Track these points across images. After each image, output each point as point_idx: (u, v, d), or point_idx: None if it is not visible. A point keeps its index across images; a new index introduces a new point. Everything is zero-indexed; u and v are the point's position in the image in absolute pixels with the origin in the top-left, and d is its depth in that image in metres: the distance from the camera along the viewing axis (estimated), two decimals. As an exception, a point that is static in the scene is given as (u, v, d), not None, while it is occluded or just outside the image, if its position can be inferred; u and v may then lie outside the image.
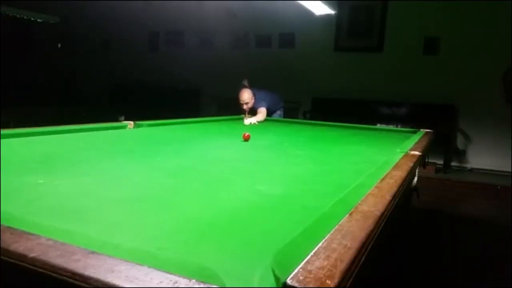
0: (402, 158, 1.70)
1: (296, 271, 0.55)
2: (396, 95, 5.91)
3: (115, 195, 1.06)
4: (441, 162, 5.43)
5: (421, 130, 3.13)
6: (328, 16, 5.43)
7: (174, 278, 0.54)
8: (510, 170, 5.23)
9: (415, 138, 2.57)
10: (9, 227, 0.68)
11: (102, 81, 8.28)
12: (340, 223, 0.77)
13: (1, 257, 0.60)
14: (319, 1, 4.41)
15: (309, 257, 0.60)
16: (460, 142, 5.69)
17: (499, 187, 4.67)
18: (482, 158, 5.53)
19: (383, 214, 0.86)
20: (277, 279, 0.56)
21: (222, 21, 6.88)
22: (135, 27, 7.74)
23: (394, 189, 1.09)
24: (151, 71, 7.80)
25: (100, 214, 0.90)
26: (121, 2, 6.89)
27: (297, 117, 5.71)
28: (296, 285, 0.51)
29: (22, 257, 0.59)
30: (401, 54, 5.88)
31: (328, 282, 0.53)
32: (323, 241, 0.67)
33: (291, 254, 0.63)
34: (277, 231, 0.85)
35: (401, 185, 1.17)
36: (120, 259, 0.58)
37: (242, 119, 3.64)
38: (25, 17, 6.95)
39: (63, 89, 8.32)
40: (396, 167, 1.46)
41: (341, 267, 0.57)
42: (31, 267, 0.57)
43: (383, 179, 1.21)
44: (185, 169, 1.49)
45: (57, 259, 0.58)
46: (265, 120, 3.74)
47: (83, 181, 1.20)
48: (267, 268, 0.61)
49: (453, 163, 5.69)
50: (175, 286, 0.52)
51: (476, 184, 4.85)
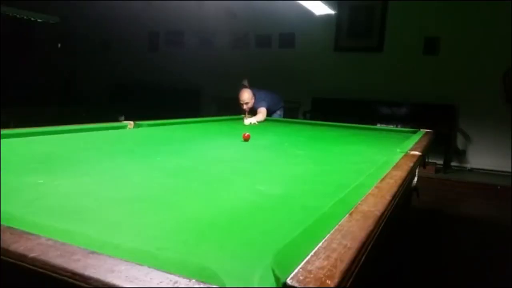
0: (402, 158, 1.70)
1: (296, 271, 0.55)
2: (396, 95, 5.91)
3: (115, 195, 1.06)
4: (441, 162, 5.43)
5: (421, 130, 3.13)
6: (328, 16, 5.43)
7: (174, 278, 0.54)
8: (510, 170, 5.23)
9: (415, 138, 2.57)
10: (9, 227, 0.68)
11: (102, 81, 8.28)
12: (340, 223, 0.77)
13: (1, 257, 0.60)
14: (319, 1, 4.41)
15: (309, 257, 0.60)
16: (460, 142, 5.69)
17: (499, 187, 4.66)
18: (482, 158, 5.53)
19: (383, 214, 0.86)
20: (277, 279, 0.56)
21: (222, 21, 6.88)
22: (135, 27, 7.74)
23: (394, 189, 1.09)
24: (151, 71, 7.80)
25: (100, 214, 0.90)
26: (121, 2, 6.89)
27: (297, 117, 5.71)
28: (296, 285, 0.51)
29: (22, 257, 0.59)
30: (401, 54, 5.88)
31: (328, 282, 0.53)
32: (323, 241, 0.67)
33: (291, 254, 0.63)
34: (277, 231, 0.85)
35: (401, 185, 1.17)
36: (120, 259, 0.58)
37: (242, 119, 3.64)
38: (25, 17, 6.95)
39: (63, 89, 8.32)
40: (396, 167, 1.46)
41: (341, 267, 0.57)
42: (31, 267, 0.57)
43: (383, 179, 1.21)
44: (185, 169, 1.49)
45: (57, 259, 0.58)
46: (265, 120, 3.74)
47: (83, 181, 1.20)
48: (267, 268, 0.61)
49: (453, 163, 5.69)
50: (175, 286, 0.52)
51: (476, 184, 4.85)
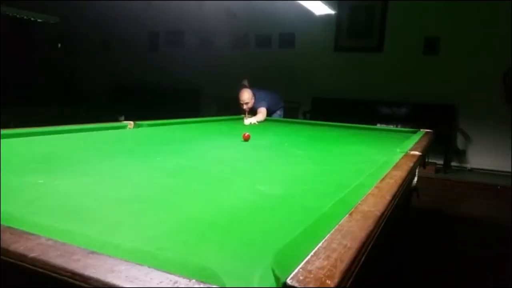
0: (402, 158, 1.70)
1: (296, 271, 0.55)
2: (396, 95, 5.91)
3: (115, 195, 1.06)
4: (441, 162, 5.43)
5: (421, 130, 3.13)
6: (328, 16, 5.43)
7: (174, 278, 0.54)
8: (510, 170, 5.23)
9: (415, 138, 2.57)
10: (9, 227, 0.68)
11: (102, 81, 8.28)
12: (340, 223, 0.77)
13: (1, 257, 0.60)
14: (319, 1, 4.41)
15: (309, 257, 0.60)
16: (460, 142, 5.69)
17: (499, 187, 4.66)
18: (482, 158, 5.53)
19: (383, 214, 0.86)
20: (277, 279, 0.56)
21: (222, 21, 6.88)
22: (135, 27, 7.74)
23: (394, 189, 1.09)
24: (151, 71, 7.80)
25: (100, 214, 0.90)
26: (121, 2, 6.89)
27: (297, 117, 5.71)
28: (296, 285, 0.51)
29: (22, 257, 0.59)
30: (401, 54, 5.88)
31: (328, 282, 0.53)
32: (323, 241, 0.67)
33: (291, 254, 0.63)
34: (277, 231, 0.85)
35: (401, 185, 1.17)
36: (120, 259, 0.58)
37: (242, 119, 3.64)
38: (25, 17, 6.95)
39: (63, 89, 8.32)
40: (396, 167, 1.46)
41: (341, 267, 0.57)
42: (31, 267, 0.57)
43: (383, 179, 1.21)
44: (185, 169, 1.49)
45: (57, 259, 0.58)
46: (265, 120, 3.74)
47: (83, 181, 1.20)
48: (267, 268, 0.61)
49: (453, 163, 5.69)
50: (175, 286, 0.52)
51: (476, 184, 4.85)
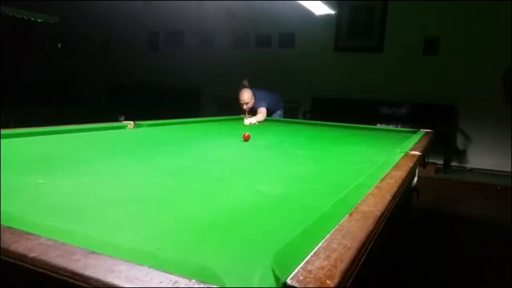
0: (402, 158, 1.70)
1: (296, 271, 0.55)
2: (396, 95, 5.91)
3: (115, 195, 1.06)
4: (441, 162, 5.43)
5: (421, 130, 3.13)
6: (328, 16, 5.43)
7: (174, 278, 0.54)
8: (510, 170, 5.23)
9: (415, 138, 2.57)
10: (9, 227, 0.68)
11: (102, 81, 8.28)
12: (340, 223, 0.77)
13: (1, 257, 0.60)
14: (319, 1, 4.41)
15: (309, 257, 0.60)
16: (460, 142, 5.69)
17: (499, 187, 4.66)
18: (482, 158, 5.53)
19: (383, 214, 0.86)
20: (277, 279, 0.56)
21: (222, 21, 6.88)
22: (135, 27, 7.74)
23: (394, 189, 1.09)
24: (151, 71, 7.80)
25: (100, 214, 0.90)
26: (121, 2, 6.89)
27: (297, 117, 5.71)
28: (296, 285, 0.51)
29: (22, 257, 0.59)
30: (401, 54, 5.88)
31: (328, 282, 0.53)
32: (323, 241, 0.67)
33: (291, 254, 0.63)
34: (277, 231, 0.85)
35: (401, 185, 1.17)
36: (120, 259, 0.58)
37: (242, 119, 3.64)
38: (25, 17, 6.95)
39: (63, 89, 8.32)
40: (396, 167, 1.46)
41: (341, 267, 0.57)
42: (31, 267, 0.57)
43: (383, 179, 1.21)
44: (185, 169, 1.49)
45: (57, 259, 0.58)
46: (265, 120, 3.74)
47: (83, 181, 1.20)
48: (267, 268, 0.61)
49: (453, 163, 5.69)
50: (175, 286, 0.52)
51: (476, 184, 4.85)
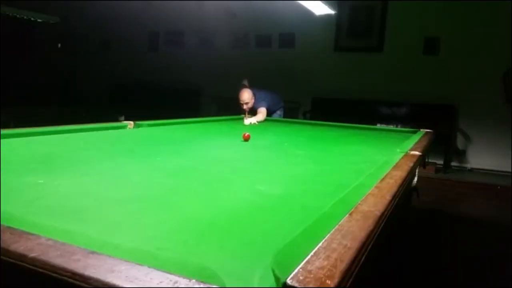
0: (402, 158, 1.70)
1: (296, 271, 0.55)
2: (396, 95, 5.91)
3: (115, 195, 1.06)
4: (441, 162, 5.43)
5: (421, 130, 3.13)
6: (328, 16, 5.43)
7: (174, 278, 0.54)
8: (510, 170, 5.23)
9: (415, 138, 2.57)
10: (9, 227, 0.68)
11: (102, 81, 8.28)
12: (340, 223, 0.77)
13: (1, 257, 0.60)
14: (319, 1, 4.41)
15: (309, 257, 0.60)
16: (460, 142, 5.69)
17: (499, 187, 4.66)
18: (482, 158, 5.53)
19: (383, 214, 0.86)
20: (277, 279, 0.56)
21: (222, 21, 6.88)
22: (135, 27, 7.74)
23: (394, 189, 1.09)
24: (151, 71, 7.80)
25: (100, 214, 0.90)
26: (121, 2, 6.89)
27: (297, 117, 5.71)
28: (296, 285, 0.51)
29: (22, 257, 0.59)
30: (401, 54, 5.88)
31: (328, 282, 0.53)
32: (323, 241, 0.67)
33: (291, 254, 0.63)
34: (277, 231, 0.85)
35: (401, 185, 1.17)
36: (120, 259, 0.58)
37: (242, 119, 3.64)
38: (25, 17, 6.94)
39: (63, 89, 8.32)
40: (396, 167, 1.46)
41: (341, 267, 0.57)
42: (31, 267, 0.57)
43: (383, 179, 1.21)
44: (185, 169, 1.49)
45: (57, 259, 0.58)
46: (265, 120, 3.74)
47: (83, 181, 1.20)
48: (267, 268, 0.61)
49: (453, 163, 5.69)
50: (175, 286, 0.52)
51: (476, 184, 4.85)
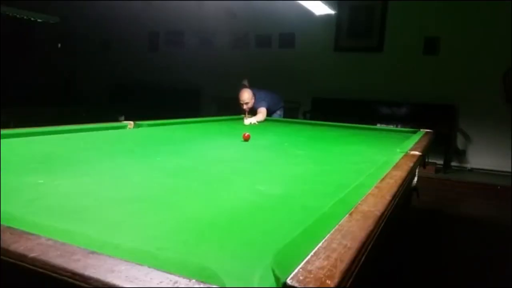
0: (402, 158, 1.70)
1: (296, 271, 0.55)
2: (396, 95, 5.91)
3: (115, 195, 1.06)
4: (441, 162, 5.43)
5: (421, 130, 3.13)
6: (328, 16, 5.43)
7: (174, 278, 0.54)
8: (510, 170, 5.23)
9: (415, 138, 2.57)
10: (9, 227, 0.68)
11: (102, 81, 8.28)
12: (340, 223, 0.77)
13: (1, 257, 0.60)
14: (319, 1, 4.41)
15: (309, 257, 0.60)
16: (460, 142, 5.69)
17: (499, 187, 4.66)
18: (482, 158, 5.53)
19: (383, 214, 0.86)
20: (277, 279, 0.56)
21: (222, 21, 6.88)
22: (135, 27, 7.74)
23: (394, 189, 1.09)
24: (151, 71, 7.80)
25: (100, 214, 0.90)
26: (121, 2, 6.89)
27: (297, 117, 5.71)
28: (296, 285, 0.51)
29: (22, 257, 0.59)
30: (401, 54, 5.88)
31: (328, 282, 0.53)
32: (323, 241, 0.67)
33: (291, 254, 0.63)
34: (277, 231, 0.85)
35: (401, 185, 1.17)
36: (120, 259, 0.58)
37: (242, 119, 3.64)
38: (25, 17, 6.94)
39: (63, 89, 8.32)
40: (396, 167, 1.46)
41: (341, 267, 0.57)
42: (31, 267, 0.57)
43: (383, 179, 1.21)
44: (185, 169, 1.49)
45: (57, 259, 0.58)
46: (265, 120, 3.74)
47: (83, 181, 1.19)
48: (267, 268, 0.61)
49: (453, 163, 5.69)
50: (175, 286, 0.52)
51: (476, 184, 4.85)
